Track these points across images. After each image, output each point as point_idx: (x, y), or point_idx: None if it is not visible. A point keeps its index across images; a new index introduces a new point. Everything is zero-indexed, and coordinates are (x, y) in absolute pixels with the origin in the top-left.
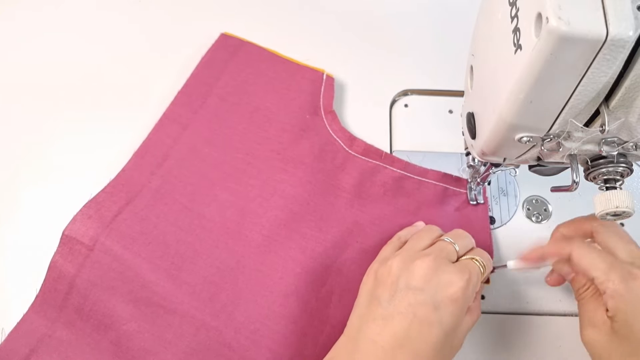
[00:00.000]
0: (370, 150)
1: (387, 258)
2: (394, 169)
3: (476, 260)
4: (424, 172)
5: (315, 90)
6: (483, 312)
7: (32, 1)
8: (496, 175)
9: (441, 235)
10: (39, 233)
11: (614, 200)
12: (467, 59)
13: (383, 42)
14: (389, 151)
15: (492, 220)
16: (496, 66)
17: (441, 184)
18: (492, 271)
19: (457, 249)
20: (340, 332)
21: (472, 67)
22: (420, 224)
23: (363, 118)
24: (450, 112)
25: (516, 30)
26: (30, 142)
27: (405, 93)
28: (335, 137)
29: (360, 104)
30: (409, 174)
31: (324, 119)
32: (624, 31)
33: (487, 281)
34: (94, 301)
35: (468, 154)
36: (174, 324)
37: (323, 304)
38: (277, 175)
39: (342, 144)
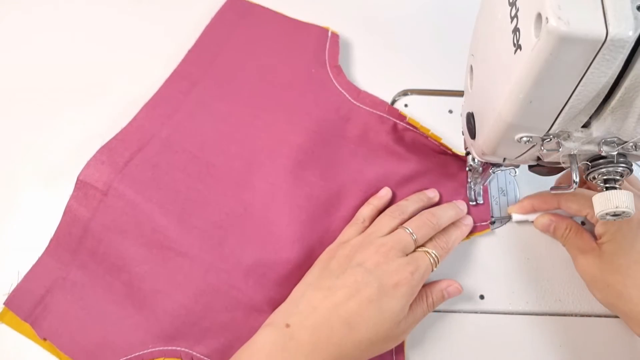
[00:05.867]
0: (375, 102)
1: (347, 240)
2: (398, 122)
3: (429, 253)
4: (425, 133)
5: (320, 46)
6: (483, 312)
7: (31, 1)
8: (496, 175)
9: (403, 221)
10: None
11: (614, 200)
12: (467, 59)
13: (383, 42)
14: None
15: (492, 220)
16: (496, 66)
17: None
18: (491, 225)
19: (415, 238)
20: None
21: (472, 67)
22: (384, 193)
23: None
24: (450, 112)
25: (516, 30)
26: (31, 142)
27: (405, 93)
28: (340, 89)
29: None
30: (412, 128)
31: (330, 73)
32: (623, 31)
33: (468, 236)
34: (107, 244)
35: (468, 153)
36: (184, 266)
37: None
38: (284, 126)
39: (347, 95)
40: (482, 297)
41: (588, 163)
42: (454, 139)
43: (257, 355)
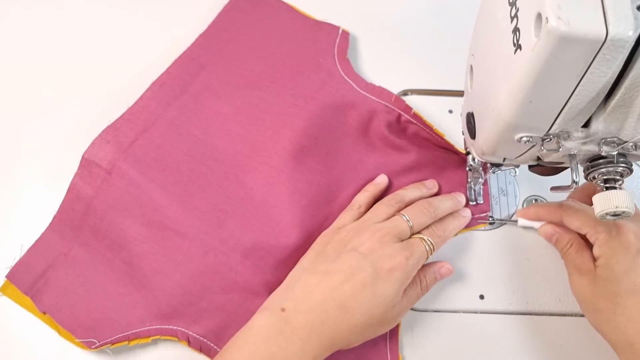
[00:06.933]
0: (382, 93)
1: (343, 226)
2: (403, 113)
3: (424, 240)
4: (429, 127)
5: (330, 40)
6: (483, 312)
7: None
8: (496, 175)
9: (400, 209)
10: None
11: (614, 200)
12: (467, 59)
13: (383, 42)
14: None
15: (491, 221)
16: (496, 66)
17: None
18: (490, 224)
19: (412, 225)
20: None
21: (472, 67)
22: (381, 180)
23: None
24: (450, 112)
25: (516, 30)
26: (31, 141)
27: (405, 93)
28: (347, 79)
29: None
30: (415, 122)
31: (337, 64)
32: (623, 31)
33: (466, 228)
34: (110, 222)
35: (468, 153)
36: (183, 246)
37: None
38: (288, 109)
39: (353, 85)
40: (482, 297)
41: (588, 163)
42: (454, 139)
43: (253, 339)
